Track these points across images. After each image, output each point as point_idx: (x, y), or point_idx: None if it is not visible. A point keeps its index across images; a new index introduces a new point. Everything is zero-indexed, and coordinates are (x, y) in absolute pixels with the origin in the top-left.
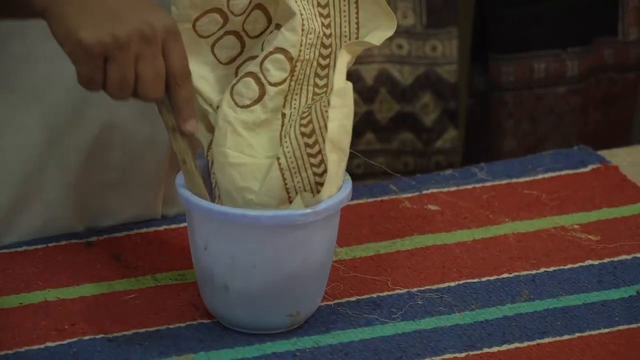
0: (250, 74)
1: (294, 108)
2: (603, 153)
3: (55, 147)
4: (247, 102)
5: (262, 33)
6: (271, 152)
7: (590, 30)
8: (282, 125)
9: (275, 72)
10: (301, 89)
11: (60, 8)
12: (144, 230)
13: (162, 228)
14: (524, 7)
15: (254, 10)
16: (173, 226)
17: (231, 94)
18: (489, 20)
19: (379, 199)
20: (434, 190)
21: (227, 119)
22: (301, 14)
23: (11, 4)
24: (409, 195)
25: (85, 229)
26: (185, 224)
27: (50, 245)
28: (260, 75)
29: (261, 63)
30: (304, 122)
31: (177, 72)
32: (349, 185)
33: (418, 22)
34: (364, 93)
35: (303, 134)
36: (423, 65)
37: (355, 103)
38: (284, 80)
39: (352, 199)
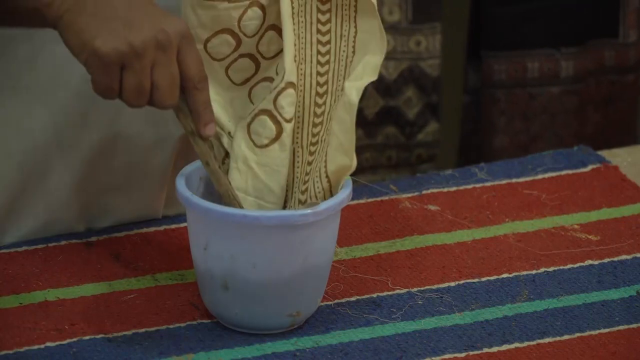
0: (265, 111)
1: (296, 142)
2: (603, 153)
3: (59, 149)
4: (266, 141)
5: (277, 54)
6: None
7: (587, 31)
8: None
9: (288, 108)
10: (302, 121)
11: (74, 17)
12: (144, 230)
13: (162, 228)
14: (519, 6)
15: (267, 31)
16: (173, 226)
17: (248, 132)
18: (483, 17)
19: (379, 199)
20: (434, 190)
21: (247, 163)
22: (294, 44)
23: (20, 12)
24: (409, 195)
25: (86, 229)
26: (185, 224)
27: (50, 245)
28: (275, 113)
29: (274, 100)
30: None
31: (195, 77)
32: (349, 186)
33: (403, 18)
34: None
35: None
36: (407, 60)
37: None
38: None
39: (352, 199)
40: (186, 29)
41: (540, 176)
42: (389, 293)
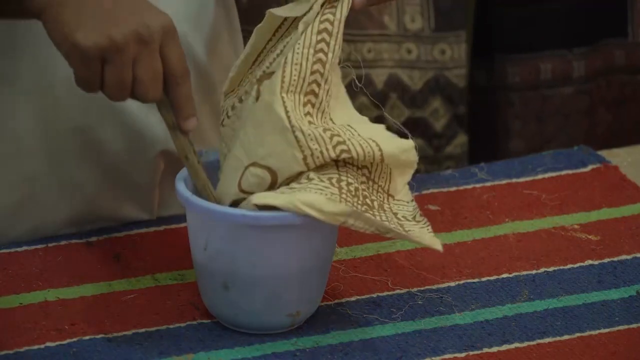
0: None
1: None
2: (603, 153)
3: (46, 154)
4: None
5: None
6: None
7: (596, 31)
8: None
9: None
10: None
11: (57, 9)
12: (144, 230)
13: (162, 228)
14: (529, 8)
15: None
16: (173, 226)
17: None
18: (494, 20)
19: None
20: (434, 190)
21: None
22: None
23: (5, 3)
24: None
25: (78, 232)
26: (185, 224)
27: (50, 245)
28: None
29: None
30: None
31: (176, 72)
32: None
33: (426, 26)
34: (374, 98)
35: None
36: (432, 69)
37: (366, 108)
38: None
39: None
40: (170, 23)
41: (540, 176)
42: (389, 293)
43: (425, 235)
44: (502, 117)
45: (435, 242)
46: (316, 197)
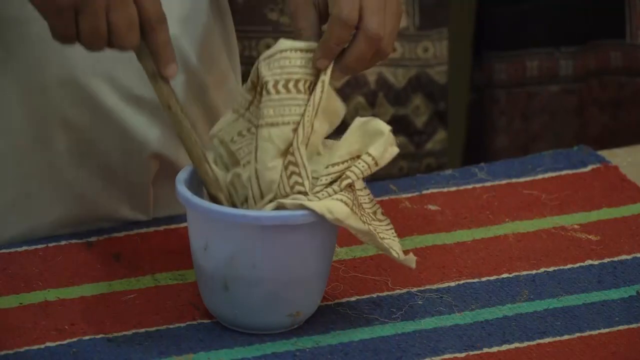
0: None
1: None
2: (603, 153)
3: (38, 152)
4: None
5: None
6: None
7: (592, 31)
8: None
9: None
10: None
11: None
12: (144, 230)
13: (162, 228)
14: (519, 6)
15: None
16: (173, 226)
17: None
18: (484, 18)
19: (379, 199)
20: (434, 190)
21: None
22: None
23: None
24: (409, 195)
25: (78, 232)
26: (185, 224)
27: (50, 245)
28: None
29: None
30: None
31: (152, 17)
32: None
33: (411, 24)
34: (368, 97)
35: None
36: (415, 67)
37: (362, 108)
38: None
39: None
40: None
41: (540, 176)
42: (389, 293)
43: (409, 257)
44: (489, 114)
45: (411, 260)
46: (341, 210)
